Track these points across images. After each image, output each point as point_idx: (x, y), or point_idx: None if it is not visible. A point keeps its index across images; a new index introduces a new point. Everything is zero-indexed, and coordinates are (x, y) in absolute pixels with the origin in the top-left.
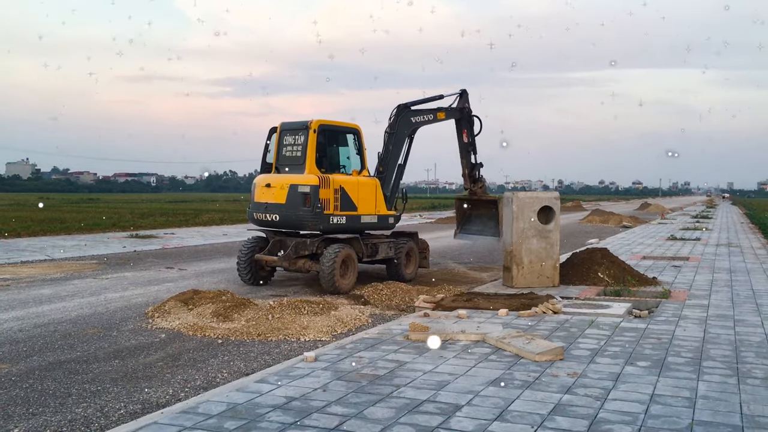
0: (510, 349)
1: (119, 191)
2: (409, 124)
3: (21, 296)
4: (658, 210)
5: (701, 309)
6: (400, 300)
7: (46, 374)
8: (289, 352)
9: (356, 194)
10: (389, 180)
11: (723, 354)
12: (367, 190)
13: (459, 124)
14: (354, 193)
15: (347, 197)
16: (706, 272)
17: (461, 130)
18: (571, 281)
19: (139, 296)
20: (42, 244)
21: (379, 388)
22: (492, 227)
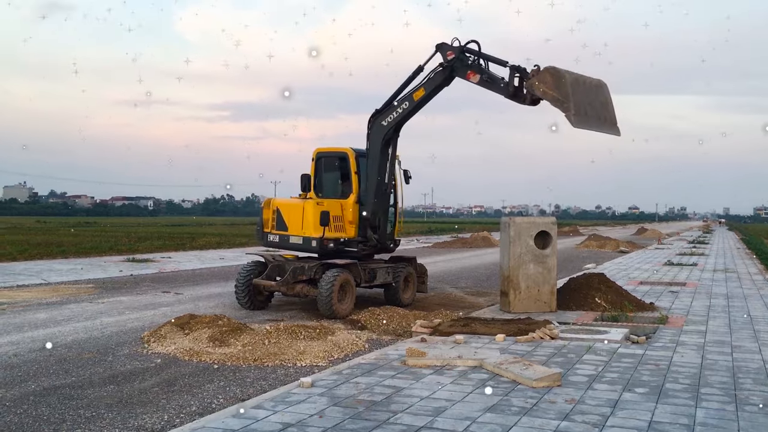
0: (507, 375)
1: (116, 215)
2: (381, 130)
3: (16, 320)
4: (654, 235)
5: (699, 335)
6: (397, 325)
7: (40, 399)
8: (286, 377)
9: (288, 216)
10: (369, 201)
11: (721, 380)
12: (296, 212)
13: (458, 75)
14: (286, 214)
15: (281, 218)
16: (704, 298)
17: (466, 77)
18: (569, 306)
19: (135, 321)
20: (38, 267)
21: (376, 414)
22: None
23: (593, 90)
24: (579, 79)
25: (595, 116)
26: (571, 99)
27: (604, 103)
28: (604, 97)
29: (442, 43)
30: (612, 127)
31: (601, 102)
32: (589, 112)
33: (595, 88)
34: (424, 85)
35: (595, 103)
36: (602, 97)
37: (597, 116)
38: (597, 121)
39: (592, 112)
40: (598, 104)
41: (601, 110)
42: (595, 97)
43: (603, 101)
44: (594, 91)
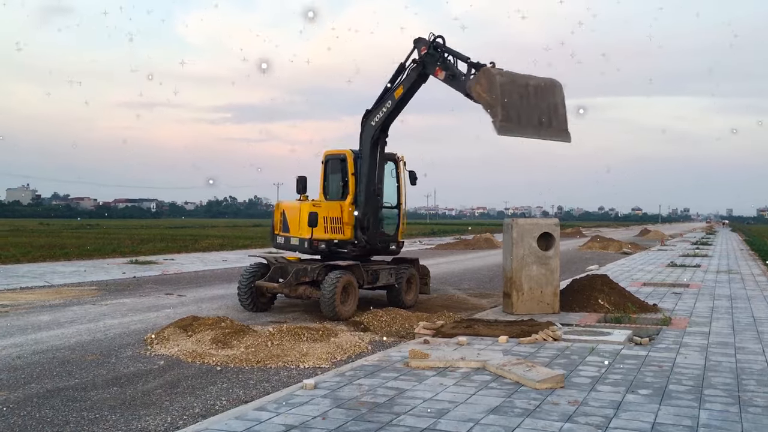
0: (510, 377)
1: (119, 217)
2: (370, 130)
3: (19, 323)
4: (657, 236)
5: (702, 336)
6: (400, 326)
7: (44, 402)
8: (289, 379)
9: (290, 218)
10: (361, 203)
11: (724, 382)
12: (295, 214)
13: (428, 71)
14: (289, 216)
15: (286, 220)
16: (707, 299)
17: (435, 73)
18: (572, 308)
19: (138, 322)
20: (41, 270)
21: (379, 416)
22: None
23: (539, 93)
24: (518, 81)
25: (532, 122)
26: (499, 104)
27: (552, 106)
28: (554, 100)
29: (418, 38)
30: (558, 133)
31: (547, 106)
32: (525, 118)
33: (541, 91)
34: (402, 83)
35: (537, 108)
36: (550, 101)
37: (537, 122)
38: (534, 127)
39: (530, 118)
40: (544, 108)
41: (544, 115)
42: (539, 101)
43: (551, 105)
44: (539, 94)
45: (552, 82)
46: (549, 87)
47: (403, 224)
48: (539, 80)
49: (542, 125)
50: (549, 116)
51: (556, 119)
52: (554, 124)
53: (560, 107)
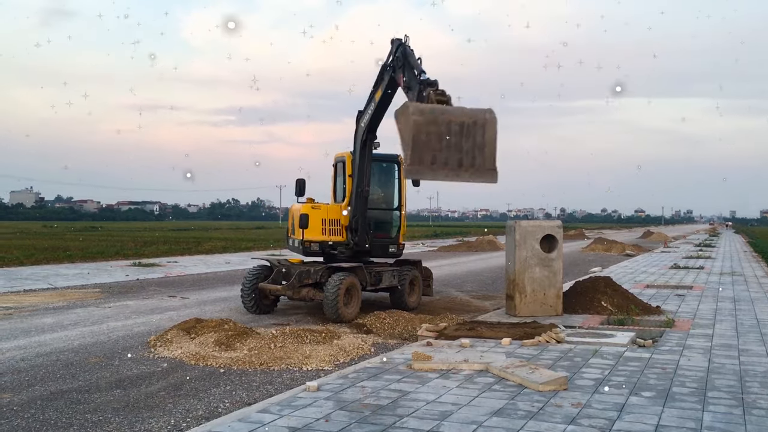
0: (513, 379)
1: (122, 219)
2: (359, 131)
3: (23, 325)
4: (660, 238)
5: (705, 338)
6: (403, 329)
7: (47, 404)
8: (292, 381)
9: (294, 220)
10: (353, 206)
11: (728, 384)
12: (295, 216)
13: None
14: (293, 218)
15: (293, 223)
16: (710, 301)
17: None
18: (575, 310)
19: (142, 325)
20: (45, 272)
21: (382, 419)
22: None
23: (464, 131)
24: (439, 120)
25: (451, 164)
26: (410, 147)
27: (478, 146)
28: (481, 139)
29: (393, 39)
30: (481, 174)
31: (473, 145)
32: (441, 160)
33: (467, 129)
34: (380, 85)
35: (458, 149)
36: (477, 140)
37: (456, 164)
38: (451, 170)
39: (448, 160)
40: (468, 148)
41: (468, 156)
42: (462, 141)
43: (477, 144)
44: (465, 132)
45: (483, 120)
46: (478, 125)
47: (403, 226)
48: (468, 116)
49: (462, 167)
50: (473, 156)
51: (480, 159)
52: (477, 164)
53: (488, 146)
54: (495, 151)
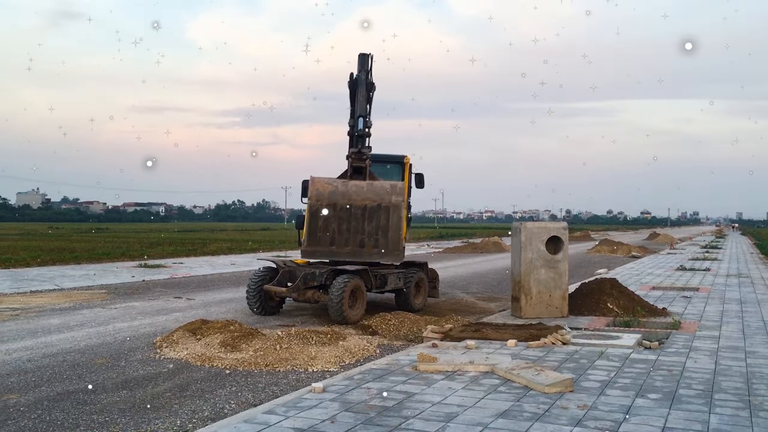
0: (519, 381)
1: (128, 221)
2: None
3: (30, 326)
4: (666, 240)
5: (712, 340)
6: (408, 330)
7: (54, 405)
8: (297, 382)
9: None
10: None
11: (735, 386)
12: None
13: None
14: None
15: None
16: (717, 303)
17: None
18: (580, 312)
19: (148, 326)
20: (51, 273)
21: (388, 420)
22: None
23: (367, 213)
24: (338, 204)
25: (352, 244)
26: (307, 226)
27: (381, 228)
28: (385, 220)
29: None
30: (386, 255)
31: (376, 227)
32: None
33: (370, 211)
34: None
35: (357, 230)
36: (381, 221)
37: (357, 243)
38: (354, 251)
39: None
40: (372, 229)
41: (370, 237)
42: (364, 222)
43: (380, 226)
44: (367, 214)
45: (388, 203)
46: (383, 208)
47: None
48: (371, 199)
49: (364, 248)
50: (376, 239)
51: (384, 241)
52: (380, 246)
53: (392, 230)
54: (399, 234)
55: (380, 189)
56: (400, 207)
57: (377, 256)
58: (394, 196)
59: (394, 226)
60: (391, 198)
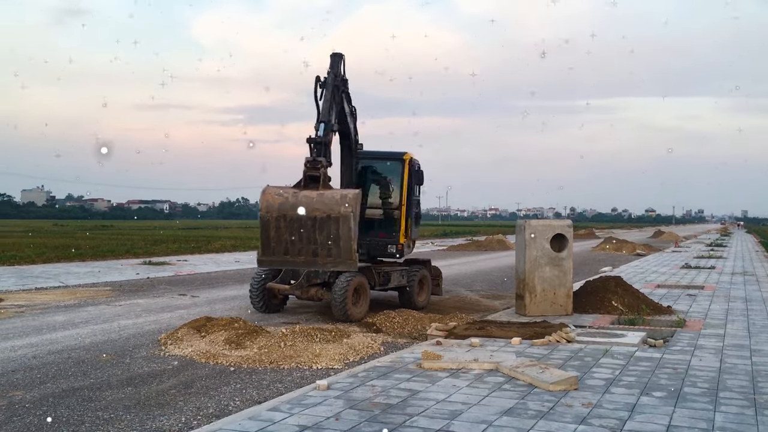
0: (524, 379)
1: (133, 218)
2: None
3: (35, 323)
4: (671, 238)
5: (717, 338)
6: (413, 328)
7: (59, 401)
8: (302, 380)
9: None
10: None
11: (740, 384)
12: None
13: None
14: None
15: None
16: (722, 301)
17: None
18: (585, 310)
19: (152, 323)
20: (56, 270)
21: (392, 417)
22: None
23: (318, 223)
24: (288, 215)
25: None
26: (260, 237)
27: (333, 238)
28: (336, 230)
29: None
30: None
31: (327, 237)
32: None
33: (320, 222)
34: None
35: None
36: (332, 231)
37: (311, 252)
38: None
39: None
40: (323, 239)
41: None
42: (315, 232)
43: (332, 236)
44: (318, 224)
45: (337, 213)
46: (332, 218)
47: (403, 226)
48: (322, 210)
49: (318, 256)
50: (328, 248)
51: (336, 250)
52: (333, 255)
53: (344, 240)
54: (351, 243)
55: (330, 199)
56: (350, 217)
57: (331, 265)
58: (344, 206)
59: (344, 235)
60: (341, 208)
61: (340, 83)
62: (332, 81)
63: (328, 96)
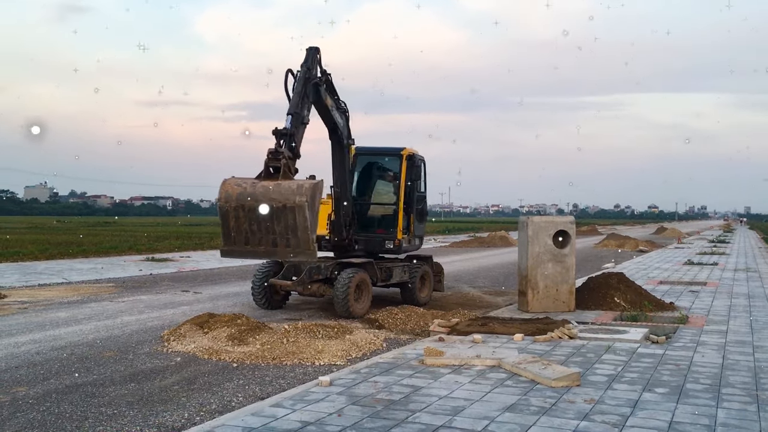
0: (526, 375)
1: (135, 214)
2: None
3: (38, 319)
4: (674, 234)
5: (719, 335)
6: (415, 324)
7: (62, 397)
8: (304, 376)
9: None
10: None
11: (742, 380)
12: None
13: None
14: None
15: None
16: (724, 297)
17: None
18: (587, 306)
19: (155, 319)
20: (59, 267)
21: (395, 413)
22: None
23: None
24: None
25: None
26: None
27: (290, 228)
28: (293, 220)
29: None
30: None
31: (285, 227)
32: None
33: (277, 212)
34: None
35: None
36: (289, 223)
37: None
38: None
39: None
40: (281, 229)
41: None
42: (273, 222)
43: (289, 227)
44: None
45: (293, 204)
46: (288, 208)
47: (401, 222)
48: (278, 200)
49: (278, 246)
50: (287, 238)
51: (295, 240)
52: (292, 245)
53: (300, 230)
54: (308, 234)
55: (286, 190)
56: (304, 207)
57: (291, 255)
58: (299, 196)
59: (301, 225)
60: (295, 198)
61: (312, 77)
62: (303, 74)
63: (298, 89)
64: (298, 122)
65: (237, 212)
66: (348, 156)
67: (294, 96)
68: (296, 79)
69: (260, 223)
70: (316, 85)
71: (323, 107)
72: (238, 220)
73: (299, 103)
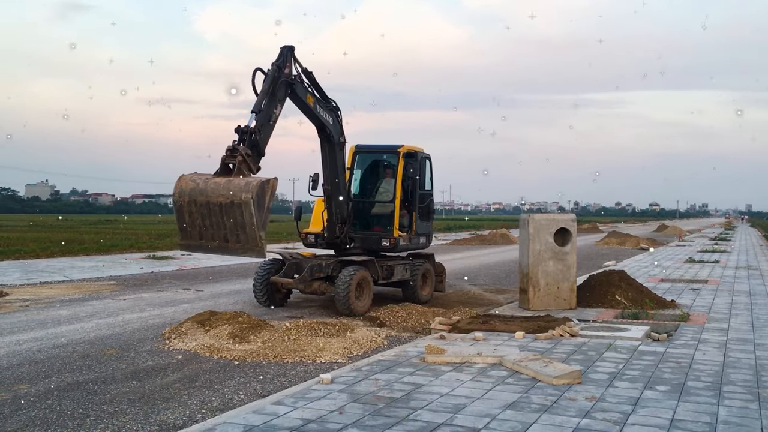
0: (527, 372)
1: (137, 212)
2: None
3: (40, 317)
4: (675, 232)
5: (721, 333)
6: (416, 322)
7: (64, 395)
8: (305, 374)
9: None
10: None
11: (743, 378)
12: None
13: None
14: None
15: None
16: (726, 295)
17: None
18: (589, 304)
19: (157, 317)
20: (61, 264)
21: (396, 411)
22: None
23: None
24: (197, 201)
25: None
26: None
27: (239, 225)
28: (240, 216)
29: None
30: (246, 250)
31: (234, 223)
32: (208, 235)
33: (227, 209)
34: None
35: (219, 225)
36: (237, 219)
37: (222, 239)
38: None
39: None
40: (231, 226)
41: (232, 233)
42: (223, 218)
43: (238, 223)
44: (224, 211)
45: (239, 200)
46: (235, 205)
47: (397, 220)
48: (225, 196)
49: (229, 242)
50: (237, 234)
51: (244, 237)
52: (242, 241)
53: (248, 226)
54: (255, 231)
55: (235, 186)
56: (250, 204)
57: (241, 251)
58: (245, 193)
59: (248, 222)
60: (242, 195)
61: (283, 75)
62: (273, 72)
63: (264, 87)
64: (264, 120)
65: (190, 207)
66: (341, 154)
67: (260, 94)
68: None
69: (212, 218)
70: (287, 83)
71: (304, 106)
72: (192, 215)
73: (264, 101)
